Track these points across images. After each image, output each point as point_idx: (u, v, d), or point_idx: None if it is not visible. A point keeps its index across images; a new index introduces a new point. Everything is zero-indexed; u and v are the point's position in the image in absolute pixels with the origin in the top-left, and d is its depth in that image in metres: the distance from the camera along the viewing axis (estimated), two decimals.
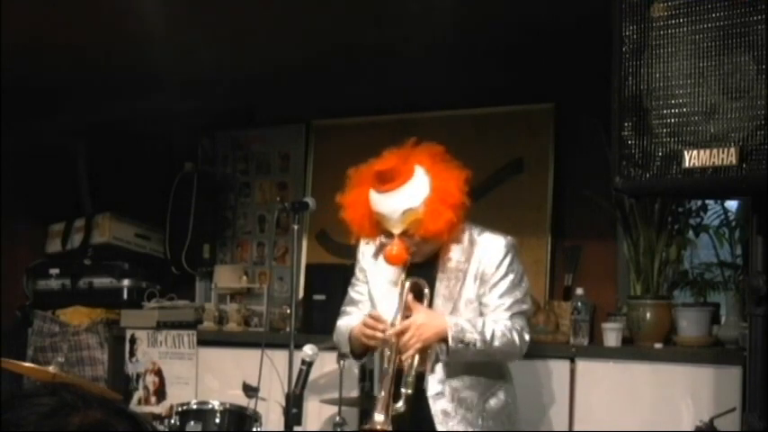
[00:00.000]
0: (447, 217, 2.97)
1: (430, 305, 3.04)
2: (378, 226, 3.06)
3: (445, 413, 3.02)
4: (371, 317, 3.04)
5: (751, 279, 2.50)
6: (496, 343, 2.95)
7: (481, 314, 3.04)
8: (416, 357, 2.95)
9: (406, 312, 3.00)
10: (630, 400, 3.77)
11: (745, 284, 3.30)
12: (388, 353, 2.98)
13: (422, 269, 3.08)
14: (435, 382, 3.03)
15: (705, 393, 3.59)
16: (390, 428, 2.83)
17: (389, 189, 2.96)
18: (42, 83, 4.62)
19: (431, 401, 3.03)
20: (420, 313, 2.99)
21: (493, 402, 3.08)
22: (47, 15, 3.84)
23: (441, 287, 3.06)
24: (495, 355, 3.01)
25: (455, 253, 3.07)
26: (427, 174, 2.99)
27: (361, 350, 3.17)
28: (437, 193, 2.97)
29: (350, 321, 3.19)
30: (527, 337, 3.04)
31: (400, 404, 2.88)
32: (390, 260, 3.03)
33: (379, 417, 2.83)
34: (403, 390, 2.91)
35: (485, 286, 3.04)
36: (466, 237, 3.09)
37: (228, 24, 3.97)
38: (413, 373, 2.96)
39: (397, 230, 2.98)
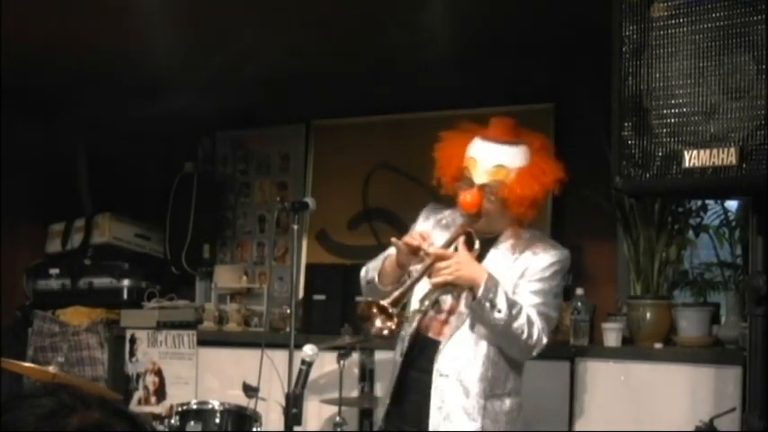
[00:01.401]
0: (532, 190, 2.98)
1: None
2: (460, 174, 3.04)
3: (444, 395, 2.98)
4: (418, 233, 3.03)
5: (751, 279, 2.50)
6: (516, 324, 2.88)
7: None
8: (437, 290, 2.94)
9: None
10: (630, 400, 3.76)
11: (745, 284, 3.29)
12: (418, 268, 2.95)
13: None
14: (445, 361, 2.99)
15: (705, 393, 3.59)
16: (393, 314, 2.82)
17: (497, 138, 3.02)
18: (43, 83, 4.62)
19: (434, 376, 2.99)
20: (465, 253, 2.96)
21: (496, 405, 3.03)
22: (47, 16, 3.84)
23: (486, 266, 3.01)
24: (509, 338, 2.92)
25: (512, 243, 3.05)
26: (530, 152, 3.04)
27: (391, 272, 3.07)
28: (532, 168, 3.01)
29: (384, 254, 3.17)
30: (545, 339, 2.96)
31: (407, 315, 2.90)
32: (464, 206, 3.00)
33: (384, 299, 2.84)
34: (418, 306, 2.96)
35: (524, 279, 3.00)
36: (527, 235, 3.07)
37: (228, 24, 3.97)
38: (430, 297, 2.96)
39: (480, 180, 2.98)
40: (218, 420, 3.66)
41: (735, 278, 4.07)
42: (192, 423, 3.66)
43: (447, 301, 3.07)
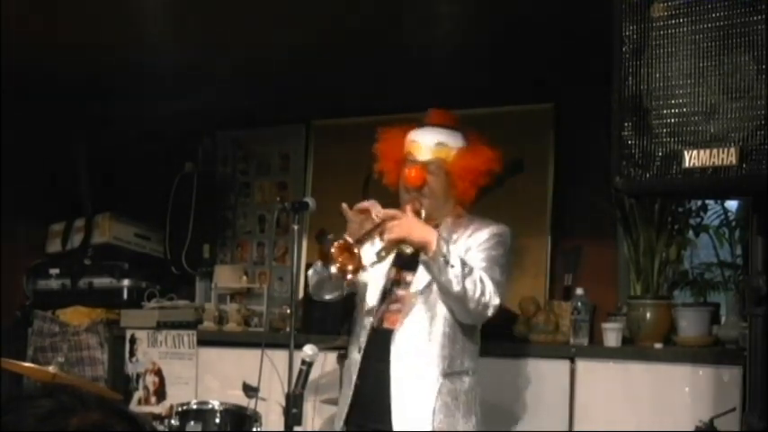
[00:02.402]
0: (474, 166, 3.13)
1: (417, 264, 3.09)
2: (404, 160, 3.17)
3: (402, 379, 3.04)
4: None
5: (751, 279, 2.50)
6: (468, 281, 2.94)
7: None
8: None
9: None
10: (630, 400, 3.77)
11: (745, 284, 3.30)
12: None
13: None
14: (401, 345, 3.06)
15: (705, 393, 3.59)
16: (357, 253, 2.90)
17: (436, 122, 3.19)
18: (43, 83, 4.62)
19: (392, 362, 3.06)
20: (414, 217, 3.07)
21: (456, 383, 3.08)
22: (48, 16, 3.84)
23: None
24: (463, 296, 2.96)
25: (454, 228, 3.17)
26: (467, 138, 3.21)
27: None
28: (471, 148, 3.18)
29: None
30: (496, 299, 2.99)
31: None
32: (408, 179, 3.13)
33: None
34: (375, 259, 3.03)
35: (470, 252, 3.09)
36: (468, 219, 3.19)
37: (229, 25, 3.97)
38: (384, 253, 3.04)
39: (424, 157, 3.13)
40: (218, 420, 3.66)
41: (735, 278, 4.07)
42: (192, 423, 3.66)
43: (398, 293, 3.15)
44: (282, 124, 5.14)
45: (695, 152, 2.33)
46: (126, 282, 5.17)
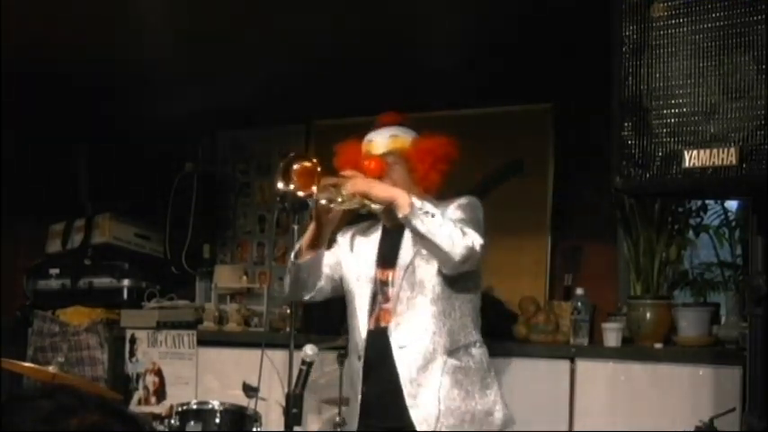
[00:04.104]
0: (431, 150, 3.15)
1: (396, 256, 3.11)
2: (361, 163, 3.17)
3: (410, 365, 3.03)
4: None
5: (751, 279, 2.50)
6: (448, 226, 2.91)
7: None
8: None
9: None
10: (630, 400, 3.77)
11: (745, 284, 3.30)
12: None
13: (393, 234, 3.16)
14: (399, 335, 3.07)
15: (705, 393, 3.59)
16: (317, 178, 2.92)
17: (386, 123, 3.22)
18: (43, 83, 4.62)
19: (395, 353, 3.06)
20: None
21: (463, 359, 3.07)
22: (48, 15, 3.84)
23: (405, 242, 3.11)
24: (448, 242, 2.91)
25: None
26: (419, 133, 3.25)
27: (312, 239, 3.21)
28: (424, 136, 3.22)
29: None
30: (479, 240, 2.94)
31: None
32: (368, 172, 3.11)
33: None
34: (333, 206, 3.06)
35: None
36: (433, 202, 3.13)
37: (229, 25, 3.97)
38: (343, 200, 3.03)
39: (379, 150, 3.16)
40: (218, 420, 3.66)
41: (735, 278, 4.07)
42: (192, 423, 3.65)
43: (386, 292, 3.14)
44: (282, 124, 5.14)
45: (695, 152, 2.34)
46: (126, 282, 5.17)
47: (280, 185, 3.02)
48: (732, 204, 4.09)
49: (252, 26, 3.97)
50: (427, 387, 3.02)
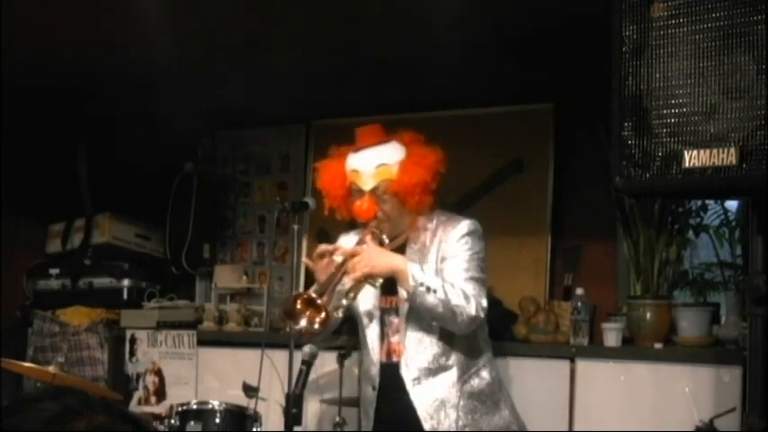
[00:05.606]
0: (420, 176, 3.08)
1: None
2: (349, 192, 3.15)
3: (425, 401, 3.06)
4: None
5: (751, 279, 2.50)
6: (454, 301, 2.93)
7: None
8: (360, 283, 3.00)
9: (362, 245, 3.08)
10: (630, 400, 3.77)
11: (745, 284, 3.29)
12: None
13: None
14: (412, 370, 3.08)
15: (705, 393, 3.59)
16: (322, 304, 2.87)
17: (366, 145, 3.15)
18: (43, 82, 4.62)
19: (410, 390, 3.08)
20: (374, 246, 3.05)
21: (474, 382, 3.10)
22: (48, 15, 3.84)
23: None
24: (452, 316, 2.95)
25: (422, 236, 3.15)
26: (404, 146, 3.17)
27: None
28: (411, 157, 3.13)
29: None
30: (484, 302, 3.00)
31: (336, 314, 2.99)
32: (360, 214, 3.12)
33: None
34: (344, 301, 3.01)
35: (446, 261, 3.08)
36: (433, 222, 3.17)
37: (228, 24, 3.97)
38: (352, 293, 3.02)
39: (368, 186, 3.10)
40: (218, 420, 3.66)
41: (735, 278, 4.07)
42: (192, 423, 3.66)
43: (393, 322, 3.16)
44: (282, 124, 5.14)
45: (695, 152, 2.34)
46: (126, 282, 5.17)
47: (292, 326, 3.07)
48: (732, 204, 4.09)
49: (252, 26, 3.97)
50: (445, 422, 3.05)
